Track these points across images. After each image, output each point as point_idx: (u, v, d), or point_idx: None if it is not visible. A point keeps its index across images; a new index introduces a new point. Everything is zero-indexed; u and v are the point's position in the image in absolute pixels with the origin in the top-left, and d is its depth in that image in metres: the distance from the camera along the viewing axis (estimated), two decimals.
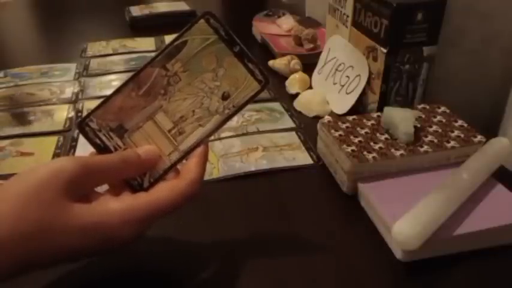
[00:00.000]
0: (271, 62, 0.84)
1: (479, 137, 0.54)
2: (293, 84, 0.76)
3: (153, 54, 0.40)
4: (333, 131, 0.55)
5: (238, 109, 0.40)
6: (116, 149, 0.39)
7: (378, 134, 0.55)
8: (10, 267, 0.32)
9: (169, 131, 0.40)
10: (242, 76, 0.39)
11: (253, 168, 0.57)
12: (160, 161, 0.40)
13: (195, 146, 0.40)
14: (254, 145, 0.62)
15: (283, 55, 0.84)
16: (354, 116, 0.58)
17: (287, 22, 1.01)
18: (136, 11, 1.16)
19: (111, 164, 0.37)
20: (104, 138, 0.39)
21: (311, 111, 0.70)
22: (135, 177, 0.39)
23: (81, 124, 0.39)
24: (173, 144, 0.40)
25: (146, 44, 1.00)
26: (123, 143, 0.40)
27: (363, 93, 0.67)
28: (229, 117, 0.40)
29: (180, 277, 0.43)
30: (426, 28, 0.59)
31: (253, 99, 0.40)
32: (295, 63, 0.81)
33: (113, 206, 0.35)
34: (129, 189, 0.39)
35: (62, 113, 0.72)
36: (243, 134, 0.65)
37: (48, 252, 0.33)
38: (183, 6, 1.20)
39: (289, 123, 0.68)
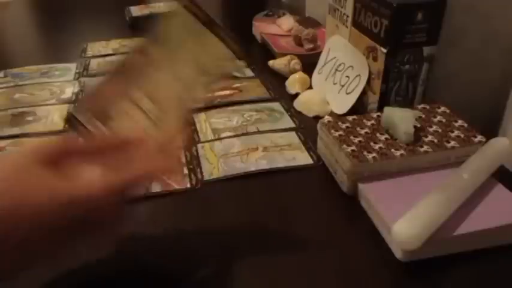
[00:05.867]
0: (271, 62, 0.84)
1: (479, 137, 0.54)
2: (293, 84, 0.76)
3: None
4: (333, 131, 0.55)
5: (216, 81, 0.43)
6: None
7: (378, 134, 0.55)
8: None
9: (152, 112, 0.41)
10: (219, 51, 0.42)
11: (253, 168, 0.57)
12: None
13: (177, 122, 0.42)
14: (254, 145, 0.62)
15: (283, 55, 0.84)
16: (354, 116, 0.58)
17: (287, 22, 1.01)
18: (136, 11, 1.15)
19: (92, 144, 0.39)
20: (89, 127, 0.41)
21: (311, 111, 0.70)
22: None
23: (69, 116, 0.41)
24: (156, 124, 0.41)
25: None
26: (109, 129, 0.41)
27: (363, 93, 0.67)
28: (208, 90, 0.43)
29: (180, 276, 0.43)
30: (426, 28, 0.59)
31: (230, 74, 0.43)
32: (295, 63, 0.81)
33: (90, 174, 0.36)
34: None
35: (62, 113, 0.71)
36: (243, 134, 0.65)
37: (19, 210, 0.32)
38: None
39: (289, 123, 0.68)
